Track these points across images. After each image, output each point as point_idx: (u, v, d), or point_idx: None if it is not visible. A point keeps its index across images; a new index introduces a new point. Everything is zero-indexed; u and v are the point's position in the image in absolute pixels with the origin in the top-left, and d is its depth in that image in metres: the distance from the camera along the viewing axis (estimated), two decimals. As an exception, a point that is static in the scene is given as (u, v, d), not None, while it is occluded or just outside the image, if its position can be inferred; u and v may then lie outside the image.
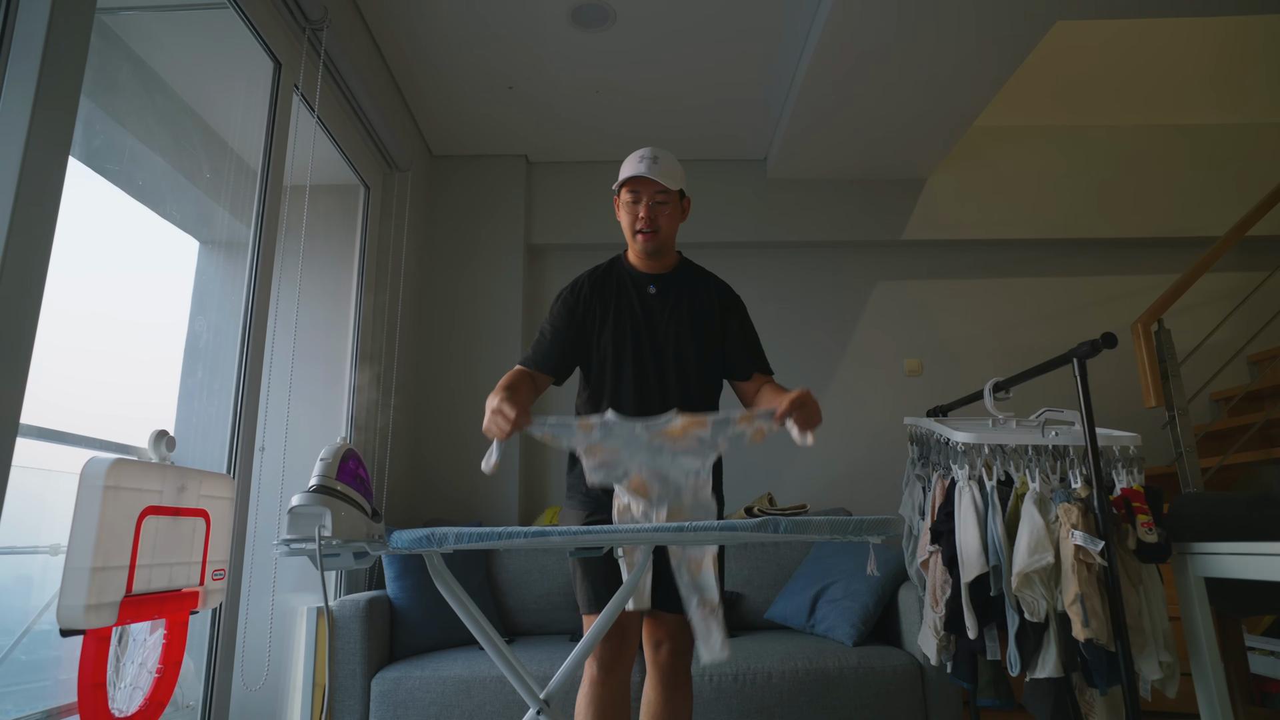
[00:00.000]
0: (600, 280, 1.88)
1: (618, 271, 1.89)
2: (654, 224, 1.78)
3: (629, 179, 1.76)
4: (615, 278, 1.88)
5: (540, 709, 1.20)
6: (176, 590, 1.46)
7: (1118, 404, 3.40)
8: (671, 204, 1.80)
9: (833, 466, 3.63)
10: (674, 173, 1.78)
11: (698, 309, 1.84)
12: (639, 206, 1.78)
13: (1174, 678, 1.76)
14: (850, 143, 3.47)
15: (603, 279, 1.88)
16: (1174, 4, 2.57)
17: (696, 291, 1.87)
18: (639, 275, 1.87)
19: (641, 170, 1.74)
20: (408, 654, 2.56)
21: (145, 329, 2.05)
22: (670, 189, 1.77)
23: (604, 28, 2.87)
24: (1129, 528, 1.81)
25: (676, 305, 1.84)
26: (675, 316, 1.82)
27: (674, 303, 1.84)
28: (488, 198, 3.73)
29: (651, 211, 1.78)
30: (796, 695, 2.34)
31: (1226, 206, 3.69)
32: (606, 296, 1.84)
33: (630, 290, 1.85)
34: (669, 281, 1.87)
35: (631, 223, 1.81)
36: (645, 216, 1.77)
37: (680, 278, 1.88)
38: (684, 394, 1.77)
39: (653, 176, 1.73)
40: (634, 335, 1.81)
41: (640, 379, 1.78)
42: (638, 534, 1.09)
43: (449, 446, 3.45)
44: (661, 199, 1.78)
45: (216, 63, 2.25)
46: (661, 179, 1.74)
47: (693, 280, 1.89)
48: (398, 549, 1.14)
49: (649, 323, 1.82)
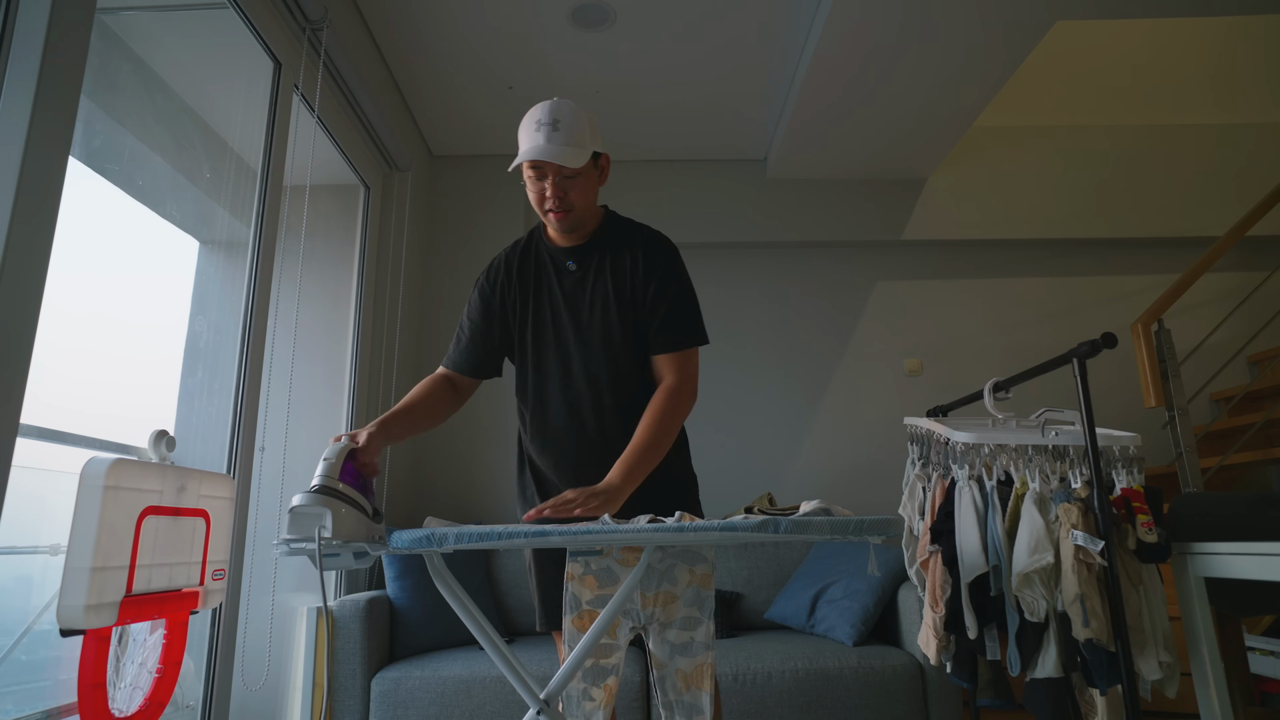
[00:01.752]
0: (519, 262, 1.62)
1: (536, 249, 1.62)
2: (565, 202, 1.50)
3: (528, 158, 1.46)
4: (534, 257, 1.62)
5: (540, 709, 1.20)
6: (176, 590, 1.46)
7: (1118, 404, 3.40)
8: (584, 175, 1.51)
9: (833, 466, 3.63)
10: (580, 138, 1.47)
11: (621, 280, 1.56)
12: (544, 184, 1.49)
13: (1174, 678, 1.76)
14: (850, 143, 3.47)
15: (521, 260, 1.62)
16: (1174, 4, 2.57)
17: (619, 255, 1.58)
18: (557, 251, 1.60)
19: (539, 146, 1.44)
20: (408, 654, 2.56)
21: (145, 329, 2.05)
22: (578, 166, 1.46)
23: (604, 28, 2.87)
24: (1129, 528, 1.81)
25: (598, 279, 1.57)
26: (598, 294, 1.56)
27: (595, 276, 1.57)
28: (488, 198, 3.73)
29: (560, 188, 1.49)
30: (796, 695, 2.34)
31: (1226, 206, 3.69)
32: (525, 281, 1.60)
33: (549, 270, 1.60)
34: (589, 253, 1.59)
35: (539, 201, 1.52)
36: (554, 195, 1.49)
37: (601, 245, 1.59)
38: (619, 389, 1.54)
39: (549, 158, 1.44)
40: (555, 326, 1.57)
41: (566, 380, 1.56)
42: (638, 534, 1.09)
43: (449, 447, 3.45)
44: (570, 174, 1.49)
45: (216, 63, 2.25)
46: (563, 160, 1.44)
47: (616, 245, 1.59)
48: (398, 549, 1.14)
49: (571, 308, 1.57)
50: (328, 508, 1.11)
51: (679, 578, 1.37)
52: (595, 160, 1.55)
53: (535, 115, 1.49)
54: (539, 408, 1.61)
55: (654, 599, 1.37)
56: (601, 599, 1.34)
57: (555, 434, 1.59)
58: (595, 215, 1.62)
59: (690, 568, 1.38)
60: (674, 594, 1.37)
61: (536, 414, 1.62)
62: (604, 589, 1.35)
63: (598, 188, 1.58)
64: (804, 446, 3.65)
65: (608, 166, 1.60)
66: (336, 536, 1.11)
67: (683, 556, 1.38)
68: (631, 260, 1.57)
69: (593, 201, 1.58)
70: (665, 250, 1.60)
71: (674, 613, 1.37)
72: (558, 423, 1.58)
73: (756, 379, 3.68)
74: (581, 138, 1.47)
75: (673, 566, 1.37)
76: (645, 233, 1.63)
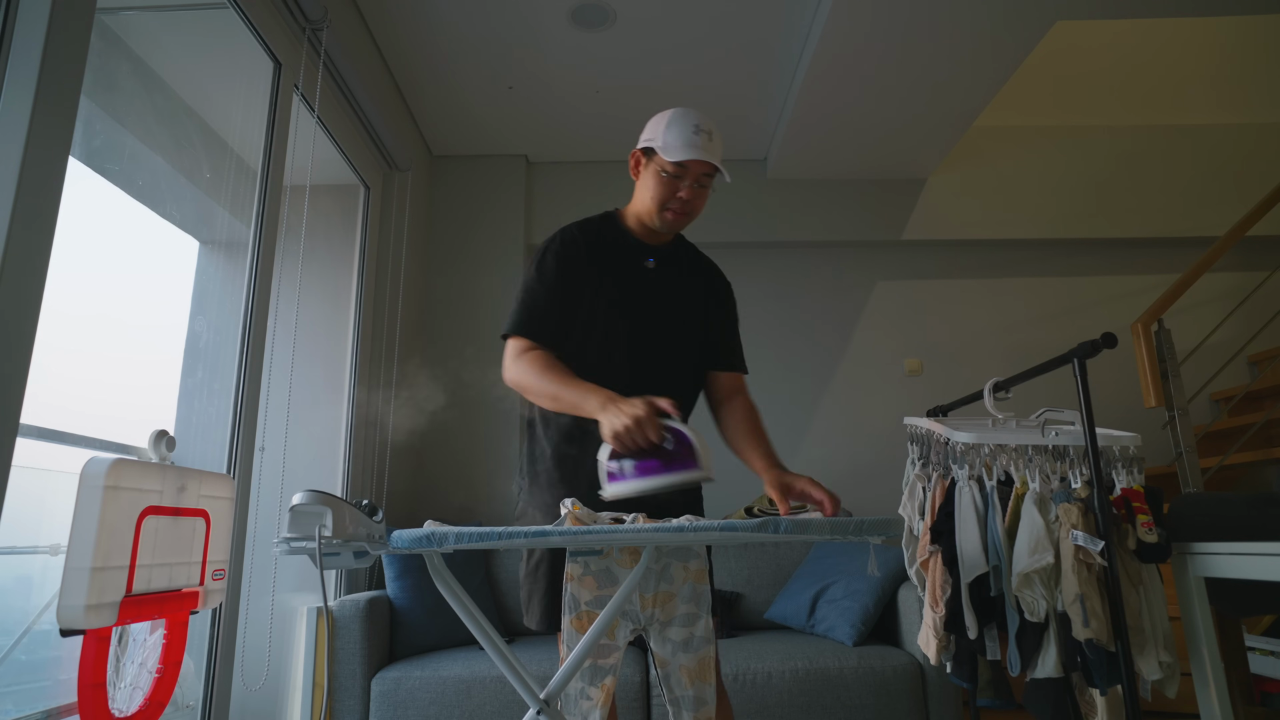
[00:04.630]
0: (594, 238, 1.61)
1: (614, 232, 1.64)
2: (689, 206, 1.56)
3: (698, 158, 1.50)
4: (611, 239, 1.63)
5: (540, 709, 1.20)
6: (176, 590, 1.46)
7: (1118, 404, 3.40)
8: (710, 187, 1.58)
9: (833, 466, 3.62)
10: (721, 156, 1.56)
11: (696, 292, 1.65)
12: (679, 183, 1.53)
13: (1174, 678, 1.76)
14: (850, 143, 3.47)
15: (596, 237, 1.61)
16: (1174, 4, 2.57)
17: (696, 272, 1.68)
18: (637, 244, 1.63)
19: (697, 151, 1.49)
20: (408, 654, 2.56)
21: (145, 329, 2.05)
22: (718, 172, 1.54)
23: (604, 28, 2.87)
24: (1129, 528, 1.81)
25: (675, 284, 1.63)
26: (674, 297, 1.62)
27: (673, 281, 1.63)
28: (488, 198, 3.73)
29: (694, 192, 1.54)
30: (796, 695, 2.34)
31: (1226, 206, 3.69)
32: (603, 259, 1.59)
33: (627, 259, 1.61)
34: (667, 257, 1.65)
35: (664, 198, 1.55)
36: (686, 198, 1.54)
37: (679, 255, 1.68)
38: (678, 385, 1.58)
39: (712, 159, 1.50)
40: (631, 312, 1.57)
41: (636, 364, 1.55)
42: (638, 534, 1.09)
43: (449, 447, 3.44)
44: (706, 181, 1.55)
45: (216, 63, 2.25)
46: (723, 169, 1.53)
47: (692, 259, 1.70)
48: (398, 549, 1.14)
49: (647, 301, 1.59)
50: (328, 506, 1.11)
51: (675, 576, 1.38)
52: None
53: (692, 119, 1.52)
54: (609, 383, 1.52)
55: (652, 599, 1.37)
56: (600, 600, 1.34)
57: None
58: None
59: (684, 564, 1.38)
60: (671, 592, 1.37)
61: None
62: (603, 590, 1.35)
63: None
64: (804, 446, 3.65)
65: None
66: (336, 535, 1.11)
67: (676, 554, 1.38)
68: (706, 281, 1.69)
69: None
70: (730, 286, 1.75)
71: (673, 611, 1.37)
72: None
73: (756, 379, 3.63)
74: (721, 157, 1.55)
75: (668, 566, 1.38)
76: (713, 264, 1.75)
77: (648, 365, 1.56)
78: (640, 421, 1.25)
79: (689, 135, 1.50)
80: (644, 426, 1.25)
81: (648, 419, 1.25)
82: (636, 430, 1.25)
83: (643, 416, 1.25)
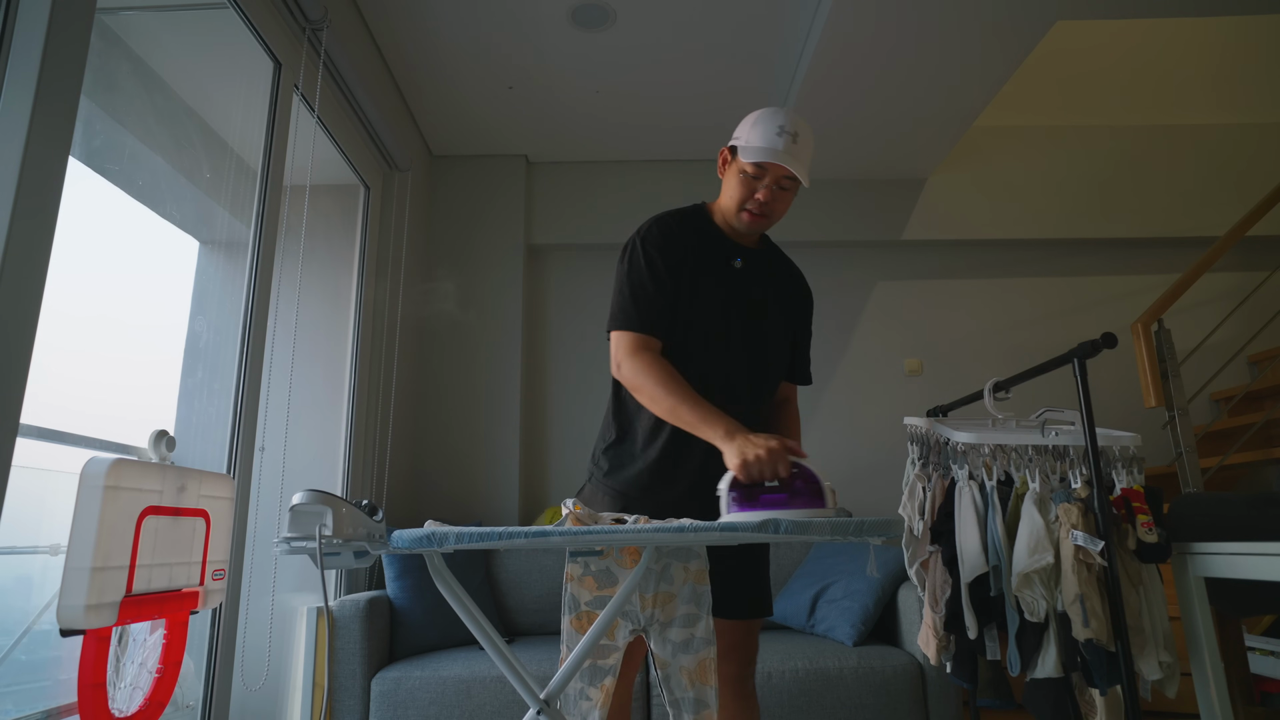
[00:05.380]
0: (689, 231, 1.58)
1: (704, 229, 1.61)
2: (768, 208, 1.54)
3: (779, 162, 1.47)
4: (703, 234, 1.60)
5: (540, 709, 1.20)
6: (176, 590, 1.46)
7: (1118, 404, 3.40)
8: (794, 190, 1.56)
9: (833, 466, 3.62)
10: (808, 160, 1.52)
11: (784, 297, 1.64)
12: (759, 184, 1.51)
13: (1174, 678, 1.76)
14: (850, 143, 3.47)
15: (693, 229, 1.59)
16: (1174, 4, 2.56)
17: (784, 278, 1.66)
18: (726, 243, 1.61)
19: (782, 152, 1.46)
20: (408, 654, 2.56)
21: (145, 329, 2.05)
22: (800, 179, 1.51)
23: (604, 28, 2.87)
24: (1129, 528, 1.81)
25: (766, 288, 1.62)
26: (766, 298, 1.61)
27: (761, 284, 1.61)
28: (488, 198, 3.74)
29: (772, 194, 1.52)
30: (796, 695, 2.34)
31: (1227, 206, 3.69)
32: (696, 253, 1.56)
33: (717, 256, 1.59)
34: (756, 259, 1.64)
35: (742, 198, 1.54)
36: (763, 200, 1.52)
37: (766, 258, 1.66)
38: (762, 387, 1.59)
39: (791, 167, 1.47)
40: (722, 310, 1.55)
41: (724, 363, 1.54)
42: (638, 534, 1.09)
43: (449, 447, 3.45)
44: (787, 184, 1.53)
45: (216, 63, 2.25)
46: (800, 173, 1.48)
47: (778, 265, 1.68)
48: (398, 549, 1.14)
49: (739, 298, 1.57)
50: (328, 506, 1.11)
51: (675, 576, 1.38)
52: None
53: (778, 119, 1.49)
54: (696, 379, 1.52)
55: (652, 600, 1.37)
56: (600, 600, 1.34)
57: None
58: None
59: (684, 565, 1.38)
60: (671, 593, 1.37)
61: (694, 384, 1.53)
62: (603, 590, 1.35)
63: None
64: (804, 446, 3.64)
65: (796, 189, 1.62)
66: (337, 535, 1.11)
67: (677, 555, 1.38)
68: (795, 287, 1.69)
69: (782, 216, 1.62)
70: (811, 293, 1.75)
71: (673, 611, 1.37)
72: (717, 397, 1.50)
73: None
74: (809, 159, 1.52)
75: (668, 566, 1.38)
76: (799, 271, 1.74)
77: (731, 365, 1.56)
78: (774, 453, 1.24)
79: (771, 136, 1.48)
80: (776, 459, 1.24)
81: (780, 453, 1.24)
82: (769, 462, 1.23)
83: (777, 449, 1.24)
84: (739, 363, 1.56)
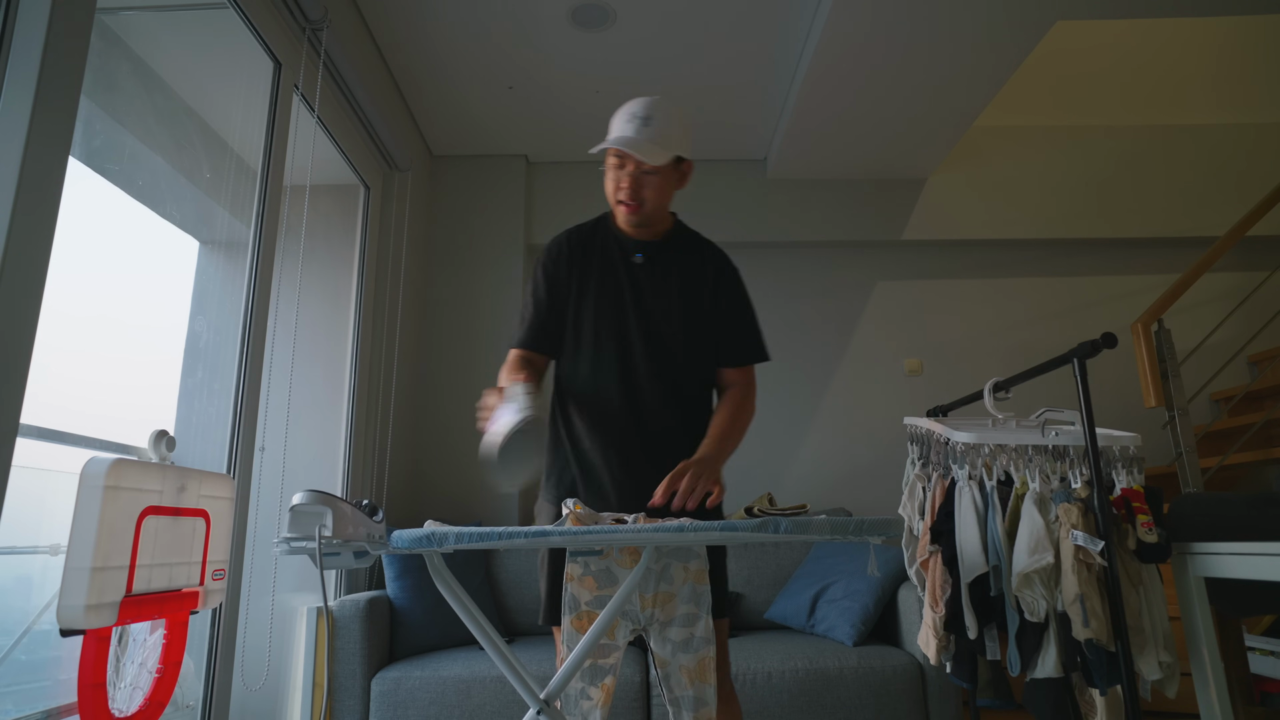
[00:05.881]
0: (583, 242, 1.64)
1: (603, 234, 1.65)
2: (637, 196, 1.53)
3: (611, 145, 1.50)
4: (600, 241, 1.64)
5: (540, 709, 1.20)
6: (176, 590, 1.46)
7: (1118, 404, 3.40)
8: (662, 174, 1.53)
9: (833, 466, 3.63)
10: (668, 138, 1.50)
11: (690, 283, 1.61)
12: (621, 174, 1.53)
13: (1174, 678, 1.76)
14: (850, 143, 3.47)
15: (586, 241, 1.64)
16: (1174, 4, 2.57)
17: (690, 263, 1.64)
18: (625, 240, 1.63)
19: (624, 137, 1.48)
20: (408, 654, 2.56)
21: (145, 329, 2.05)
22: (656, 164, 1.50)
23: (604, 28, 2.87)
24: (1129, 528, 1.81)
25: (666, 278, 1.61)
26: (664, 291, 1.60)
27: (663, 275, 1.61)
28: (488, 198, 3.73)
29: (636, 182, 1.51)
30: (796, 695, 2.34)
31: (1226, 206, 3.69)
32: (590, 262, 1.61)
33: (616, 257, 1.62)
34: (659, 250, 1.63)
35: (611, 191, 1.56)
36: (628, 187, 1.52)
37: (672, 246, 1.65)
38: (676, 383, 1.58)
39: (629, 149, 1.47)
40: (617, 310, 1.58)
41: (626, 363, 1.56)
42: (638, 534, 1.09)
43: (449, 446, 3.44)
44: (650, 170, 1.52)
45: (216, 63, 2.25)
46: (642, 154, 1.47)
47: (686, 250, 1.66)
48: (398, 549, 1.14)
49: (637, 297, 1.58)
50: (328, 506, 1.11)
51: (675, 576, 1.38)
52: (678, 164, 1.58)
53: (630, 108, 1.52)
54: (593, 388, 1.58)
55: (652, 599, 1.37)
56: (600, 600, 1.34)
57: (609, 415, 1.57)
58: (667, 218, 1.67)
59: (684, 565, 1.38)
60: (671, 593, 1.37)
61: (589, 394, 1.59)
62: (603, 590, 1.35)
63: (673, 191, 1.61)
64: (804, 446, 3.65)
65: (689, 173, 1.62)
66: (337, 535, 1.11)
67: (676, 554, 1.38)
68: (701, 269, 1.63)
69: (666, 202, 1.61)
70: (735, 270, 1.68)
71: (673, 611, 1.37)
72: (613, 405, 1.56)
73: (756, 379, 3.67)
74: (669, 139, 1.51)
75: (668, 566, 1.38)
76: (716, 250, 1.69)
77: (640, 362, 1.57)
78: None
79: (622, 124, 1.51)
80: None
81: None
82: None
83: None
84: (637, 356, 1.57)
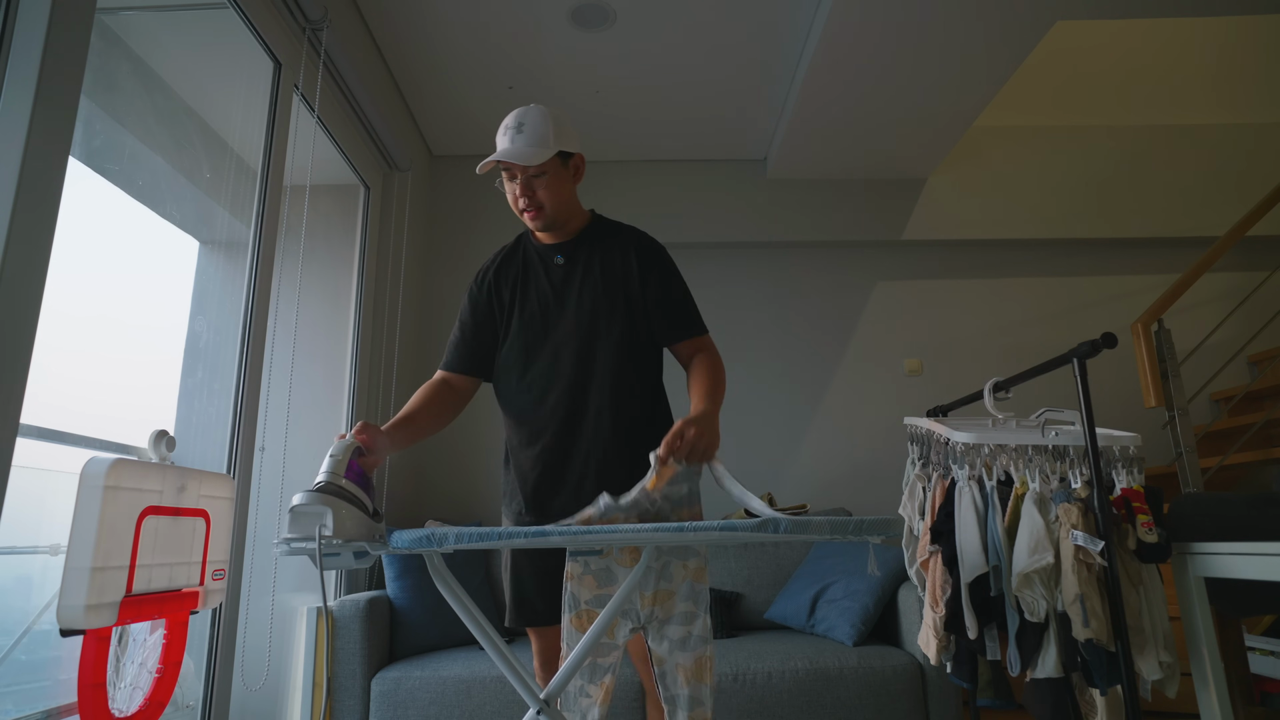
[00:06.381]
0: (505, 261, 1.71)
1: (525, 248, 1.71)
2: (534, 200, 1.58)
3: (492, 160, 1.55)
4: (522, 255, 1.70)
5: (540, 709, 1.20)
6: (176, 590, 1.46)
7: (1118, 404, 3.40)
8: (551, 173, 1.57)
9: (833, 466, 3.63)
10: (543, 138, 1.55)
11: (613, 273, 1.63)
12: (514, 185, 1.59)
13: (1174, 678, 1.76)
14: (850, 143, 3.47)
15: (508, 260, 1.71)
16: (1174, 4, 2.57)
17: (610, 252, 1.66)
18: (544, 248, 1.68)
19: (503, 149, 1.54)
20: (408, 654, 2.56)
21: (145, 329, 2.05)
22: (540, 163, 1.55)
23: (604, 28, 2.87)
24: (1129, 528, 1.81)
25: (588, 273, 1.64)
26: (589, 287, 1.62)
27: (584, 272, 1.64)
28: (488, 198, 3.73)
29: (527, 187, 1.57)
30: (796, 695, 2.34)
31: (1226, 206, 3.69)
32: (513, 278, 1.68)
33: (537, 266, 1.67)
34: (576, 248, 1.67)
35: (513, 204, 1.61)
36: (523, 195, 1.58)
37: (589, 240, 1.68)
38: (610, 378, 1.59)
39: (508, 158, 1.53)
40: (544, 316, 1.63)
41: (558, 368, 1.60)
42: (638, 534, 1.09)
43: (449, 448, 3.44)
44: (536, 173, 1.56)
45: (216, 63, 2.25)
46: (521, 159, 1.53)
47: (604, 240, 1.68)
48: (398, 549, 1.14)
49: (560, 300, 1.63)
50: (328, 506, 1.11)
51: (675, 574, 1.38)
52: (566, 160, 1.62)
53: (505, 122, 1.58)
54: (528, 402, 1.63)
55: (652, 598, 1.37)
56: (600, 598, 1.34)
57: (547, 421, 1.61)
58: (580, 215, 1.70)
59: (684, 563, 1.38)
60: (671, 591, 1.37)
61: (524, 408, 1.64)
62: (602, 588, 1.35)
63: (571, 186, 1.65)
64: (804, 446, 3.65)
65: (582, 166, 1.67)
66: (337, 536, 1.11)
67: (676, 553, 1.38)
68: (623, 257, 1.65)
69: (565, 200, 1.63)
70: (658, 249, 1.69)
71: (672, 609, 1.37)
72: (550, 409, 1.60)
73: (756, 379, 3.67)
74: (544, 138, 1.55)
75: (668, 564, 1.38)
76: (635, 233, 1.71)
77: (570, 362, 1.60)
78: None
79: (499, 139, 1.58)
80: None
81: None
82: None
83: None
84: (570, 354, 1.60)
